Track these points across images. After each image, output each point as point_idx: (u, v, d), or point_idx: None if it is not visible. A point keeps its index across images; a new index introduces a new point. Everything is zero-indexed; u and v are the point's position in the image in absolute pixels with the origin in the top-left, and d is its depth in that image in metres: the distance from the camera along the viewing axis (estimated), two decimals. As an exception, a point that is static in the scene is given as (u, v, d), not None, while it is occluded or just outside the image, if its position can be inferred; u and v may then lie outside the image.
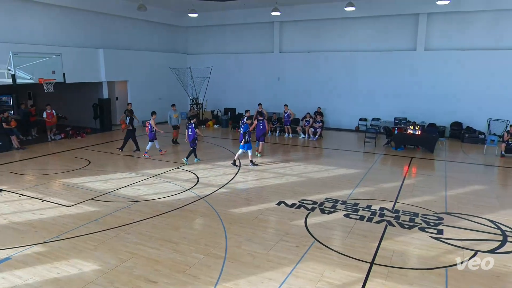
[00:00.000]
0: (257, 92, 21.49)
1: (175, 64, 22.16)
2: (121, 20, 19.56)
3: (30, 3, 15.34)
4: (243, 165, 12.35)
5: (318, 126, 17.24)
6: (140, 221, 7.75)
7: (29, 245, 6.69)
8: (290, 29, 20.91)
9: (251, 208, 8.56)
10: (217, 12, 21.77)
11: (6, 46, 13.71)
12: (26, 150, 14.27)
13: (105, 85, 18.78)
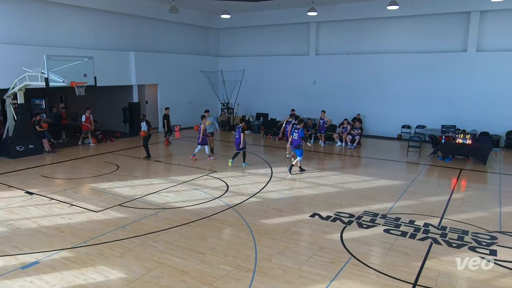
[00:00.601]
0: (291, 97, 21.46)
1: (206, 67, 22.58)
2: (152, 23, 20.20)
3: (64, 7, 16.17)
4: (276, 173, 12.33)
5: (357, 134, 16.95)
6: (167, 229, 7.90)
7: (57, 249, 6.98)
8: (327, 30, 20.79)
9: (283, 219, 8.51)
10: (250, 13, 22.02)
11: (40, 49, 14.49)
12: (57, 154, 14.97)
13: (135, 88, 19.42)
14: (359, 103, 19.72)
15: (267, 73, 22.45)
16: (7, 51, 14.06)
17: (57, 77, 12.68)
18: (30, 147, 14.49)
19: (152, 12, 19.49)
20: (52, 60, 12.74)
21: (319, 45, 21.09)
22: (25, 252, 6.86)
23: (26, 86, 13.71)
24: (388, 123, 19.28)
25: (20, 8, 14.87)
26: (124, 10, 18.34)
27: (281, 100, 21.76)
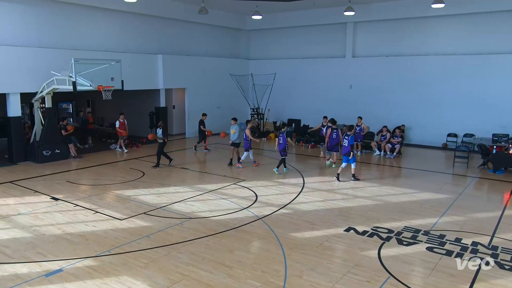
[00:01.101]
0: (325, 102, 21.30)
1: (235, 71, 22.80)
2: (180, 24, 20.66)
3: (92, 9, 16.83)
4: (308, 183, 12.24)
5: (397, 142, 16.59)
6: (192, 240, 7.98)
7: (81, 258, 7.19)
8: (365, 30, 20.56)
9: (315, 233, 8.43)
10: (283, 14, 22.11)
11: (69, 53, 15.10)
12: (83, 159, 15.49)
13: (162, 92, 19.86)
14: (399, 109, 19.31)
15: (300, 76, 22.41)
16: (36, 54, 14.74)
17: (85, 80, 13.17)
18: (56, 152, 15.07)
19: (181, 14, 19.94)
20: (80, 64, 13.25)
21: (356, 47, 20.87)
22: (49, 259, 7.11)
23: (54, 90, 14.31)
24: (431, 131, 18.75)
25: (49, 12, 15.59)
26: (152, 12, 18.86)
27: (314, 105, 21.64)
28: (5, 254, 7.27)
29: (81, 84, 13.22)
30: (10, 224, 8.77)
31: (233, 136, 14.60)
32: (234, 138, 14.60)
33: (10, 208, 9.80)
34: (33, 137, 15.30)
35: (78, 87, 13.26)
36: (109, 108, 21.50)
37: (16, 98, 14.62)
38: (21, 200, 10.45)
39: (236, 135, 14.59)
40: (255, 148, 17.99)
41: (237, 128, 14.70)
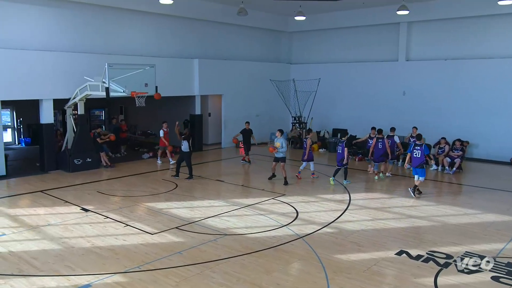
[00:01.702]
0: (374, 110, 20.93)
1: (276, 76, 22.90)
2: (217, 27, 21.05)
3: (126, 12, 17.49)
4: (355, 200, 12.02)
5: (457, 156, 16.00)
6: (227, 259, 8.00)
7: (110, 273, 7.38)
8: (421, 31, 20.10)
9: (362, 255, 8.25)
10: (328, 14, 22.05)
11: (102, 57, 15.75)
12: (114, 169, 16.00)
13: (198, 99, 20.24)
14: (459, 119, 18.64)
15: (347, 82, 22.18)
16: (70, 59, 15.47)
17: (118, 86, 13.65)
18: (88, 160, 15.66)
19: (218, 16, 20.32)
20: (114, 69, 13.76)
21: (411, 49, 20.43)
22: (78, 273, 7.36)
23: (86, 96, 14.93)
24: (497, 144, 17.94)
25: (83, 16, 16.36)
26: (189, 14, 19.34)
27: (362, 114, 21.31)
28: (34, 266, 7.59)
29: (114, 90, 13.71)
30: (40, 235, 9.16)
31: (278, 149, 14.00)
32: (281, 151, 13.99)
33: (40, 218, 10.25)
34: (64, 145, 15.98)
35: (111, 93, 13.76)
36: (141, 115, 22.14)
37: (49, 104, 15.37)
38: (51, 210, 10.91)
39: (284, 148, 14.03)
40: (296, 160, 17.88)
41: (283, 141, 14.15)
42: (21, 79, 14.35)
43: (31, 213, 10.71)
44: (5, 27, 14.49)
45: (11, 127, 21.93)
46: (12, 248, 8.39)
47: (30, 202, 11.77)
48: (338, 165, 13.95)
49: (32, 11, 15.06)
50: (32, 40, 15.06)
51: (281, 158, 14.04)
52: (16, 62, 14.25)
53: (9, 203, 11.70)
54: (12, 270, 7.44)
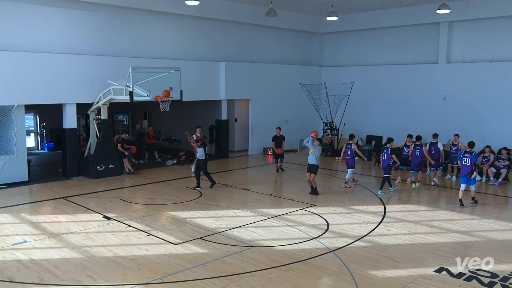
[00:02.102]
0: (412, 116, 20.58)
1: (306, 79, 22.83)
2: (245, 28, 21.19)
3: (151, 14, 17.81)
4: (390, 211, 11.81)
5: (503, 166, 15.54)
6: (253, 272, 7.99)
7: (131, 284, 7.49)
8: (463, 31, 19.70)
9: (398, 272, 8.10)
10: (362, 14, 21.88)
11: (126, 60, 16.05)
12: (137, 175, 16.27)
13: (224, 104, 20.38)
14: (505, 126, 18.11)
15: (382, 86, 21.92)
16: (93, 63, 15.86)
17: (142, 90, 13.89)
18: (110, 167, 15.98)
19: (246, 17, 20.45)
20: (138, 72, 14.02)
21: (452, 51, 20.03)
22: (99, 283, 7.49)
23: (110, 100, 15.27)
24: (549, 153, 17.32)
25: (108, 18, 16.76)
26: (215, 16, 19.53)
27: (398, 120, 20.97)
28: (55, 275, 7.77)
29: (138, 94, 13.96)
30: (61, 243, 9.39)
31: (311, 156, 13.57)
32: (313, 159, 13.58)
33: (61, 226, 10.51)
34: (87, 150, 16.36)
35: (135, 97, 14.01)
36: (165, 120, 22.44)
37: (72, 108, 15.79)
38: (73, 218, 11.17)
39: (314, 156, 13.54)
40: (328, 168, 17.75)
41: (319, 149, 13.78)
42: (44, 83, 14.81)
43: (52, 220, 11.00)
44: (30, 30, 15.00)
45: (34, 132, 22.63)
46: (33, 256, 8.63)
47: (52, 209, 12.09)
48: (385, 174, 14.03)
49: (57, 14, 15.54)
50: (56, 43, 15.53)
51: (314, 167, 13.52)
52: (39, 66, 14.72)
53: (31, 210, 12.05)
54: (33, 278, 7.65)
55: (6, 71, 13.99)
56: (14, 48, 14.41)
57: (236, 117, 22.32)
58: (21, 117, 14.78)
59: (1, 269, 8.02)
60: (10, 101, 14.18)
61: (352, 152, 14.59)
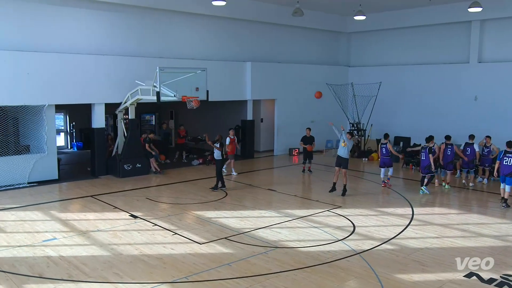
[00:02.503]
0: (441, 117, 20.19)
1: (333, 79, 22.68)
2: (271, 28, 21.19)
3: (178, 15, 18.00)
4: (418, 214, 11.61)
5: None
6: (278, 273, 7.98)
7: (157, 282, 7.58)
8: (495, 29, 19.22)
9: (426, 276, 7.96)
10: (390, 13, 21.60)
11: (153, 61, 16.29)
12: (163, 175, 16.46)
13: (249, 104, 20.44)
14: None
15: (410, 86, 21.59)
16: (122, 63, 16.15)
17: (169, 90, 14.07)
18: (137, 166, 16.23)
19: (273, 17, 20.45)
20: (165, 73, 14.21)
21: (484, 50, 19.56)
22: (125, 281, 7.61)
23: (138, 100, 15.51)
24: None
25: (136, 19, 17.03)
26: (241, 16, 19.61)
27: (427, 120, 20.60)
28: (83, 272, 7.94)
29: (165, 95, 14.14)
30: (89, 241, 9.59)
31: (343, 150, 13.45)
32: (345, 152, 13.47)
33: (90, 224, 10.73)
34: (115, 149, 16.66)
35: (162, 97, 14.20)
36: (191, 120, 22.63)
37: (101, 108, 16.11)
38: (101, 216, 11.39)
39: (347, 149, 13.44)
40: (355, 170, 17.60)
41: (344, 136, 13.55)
42: (74, 84, 15.15)
43: (81, 218, 11.24)
44: (60, 32, 15.37)
45: (64, 131, 23.18)
46: (62, 253, 8.83)
47: (81, 207, 12.36)
48: (423, 173, 14.06)
49: (86, 15, 15.87)
50: (85, 44, 15.87)
51: (344, 161, 13.43)
52: (69, 66, 15.07)
53: (61, 207, 12.35)
54: (62, 275, 7.83)
55: (38, 72, 14.37)
56: (45, 49, 14.81)
57: (261, 117, 22.34)
58: (51, 116, 15.17)
59: (32, 264, 8.25)
60: (41, 101, 14.57)
61: (387, 151, 14.70)
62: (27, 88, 14.20)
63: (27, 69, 14.15)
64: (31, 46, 14.59)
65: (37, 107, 14.65)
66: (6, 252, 8.85)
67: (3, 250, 8.97)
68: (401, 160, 19.00)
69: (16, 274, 7.81)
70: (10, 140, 14.90)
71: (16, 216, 11.29)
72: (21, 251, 8.90)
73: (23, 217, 11.21)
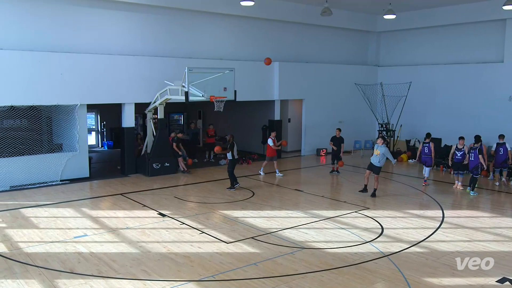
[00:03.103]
0: (474, 118, 19.71)
1: (362, 79, 22.45)
2: (299, 28, 21.12)
3: (207, 15, 18.13)
4: (449, 217, 11.37)
5: None
6: (304, 274, 7.96)
7: (184, 280, 7.66)
8: (531, 27, 18.66)
9: (457, 280, 7.80)
10: (421, 11, 21.22)
11: (182, 61, 16.48)
12: (191, 174, 16.62)
13: (277, 104, 20.42)
14: None
15: (441, 86, 21.16)
16: (151, 63, 16.39)
17: (197, 90, 14.21)
18: (166, 165, 16.43)
19: (301, 16, 20.38)
20: (193, 73, 14.36)
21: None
22: (153, 278, 7.73)
23: (166, 100, 15.72)
24: None
25: (165, 19, 17.24)
26: (270, 16, 19.61)
27: (459, 121, 20.13)
28: (112, 269, 8.10)
29: (193, 94, 14.29)
30: (119, 238, 9.77)
31: (375, 158, 13.38)
32: (378, 161, 13.35)
33: (119, 221, 10.93)
34: (144, 149, 16.93)
35: (190, 97, 14.36)
36: (219, 120, 22.77)
37: (130, 108, 16.40)
38: (130, 214, 11.59)
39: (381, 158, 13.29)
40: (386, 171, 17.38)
41: (386, 150, 13.48)
42: (105, 84, 15.47)
43: (111, 215, 11.47)
44: (92, 33, 15.72)
45: (95, 130, 23.70)
46: (93, 249, 9.04)
47: (111, 204, 12.61)
48: (474, 174, 13.93)
49: (116, 17, 16.19)
50: (116, 45, 16.19)
51: (375, 168, 13.38)
52: (101, 67, 15.37)
53: (91, 205, 12.62)
54: (92, 271, 8.01)
55: (71, 72, 14.72)
56: (78, 50, 15.17)
57: (289, 117, 22.31)
58: (83, 116, 15.53)
59: (64, 260, 8.47)
60: (74, 100, 14.92)
61: (430, 150, 14.69)
62: (60, 88, 14.57)
63: (60, 70, 14.53)
64: (65, 47, 14.98)
65: (70, 106, 15.03)
66: (40, 248, 9.11)
67: (36, 245, 9.25)
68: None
69: (49, 269, 8.04)
70: (44, 139, 15.37)
71: (49, 213, 11.61)
72: (54, 247, 9.15)
73: (55, 214, 11.52)
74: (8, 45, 13.94)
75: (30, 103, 14.19)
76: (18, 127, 14.76)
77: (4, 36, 14.07)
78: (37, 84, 14.16)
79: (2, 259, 8.49)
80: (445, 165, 17.79)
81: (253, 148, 21.47)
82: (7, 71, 13.67)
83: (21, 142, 14.46)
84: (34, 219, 11.08)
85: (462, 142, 14.58)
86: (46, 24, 14.83)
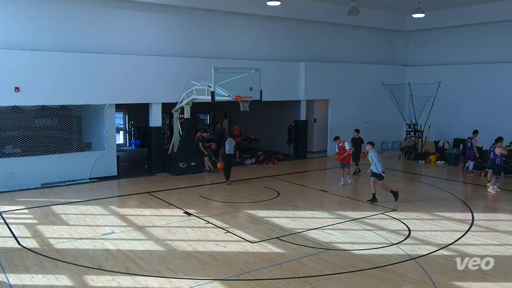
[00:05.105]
0: (506, 118, 19.22)
1: (389, 79, 22.13)
2: (326, 28, 20.98)
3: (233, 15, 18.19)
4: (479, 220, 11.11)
5: None
6: (329, 275, 7.90)
7: (209, 279, 7.72)
8: None
9: (486, 285, 7.62)
10: (450, 10, 20.80)
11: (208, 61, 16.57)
12: (216, 174, 16.72)
13: (303, 104, 20.35)
14: None
15: (472, 86, 20.71)
16: (178, 64, 16.58)
17: (223, 90, 14.29)
18: (192, 164, 16.59)
19: (327, 16, 20.24)
20: (219, 73, 14.45)
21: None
22: (179, 276, 7.81)
23: (193, 100, 15.86)
24: None
25: (191, 20, 17.40)
26: (296, 15, 19.55)
27: (490, 122, 19.65)
28: (139, 266, 8.23)
29: (219, 94, 14.37)
30: (145, 236, 9.91)
31: (373, 166, 12.81)
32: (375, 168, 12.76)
33: (146, 219, 11.09)
34: (171, 148, 17.13)
35: (216, 97, 14.45)
36: (244, 120, 22.84)
37: (157, 108, 16.63)
38: (156, 212, 11.74)
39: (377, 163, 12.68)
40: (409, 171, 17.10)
41: (374, 154, 12.87)
42: (133, 84, 15.73)
43: (138, 213, 11.64)
44: (119, 33, 16.00)
45: (123, 130, 24.11)
46: (120, 247, 9.19)
47: (138, 203, 12.80)
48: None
49: (143, 17, 16.43)
50: (144, 46, 16.43)
51: (378, 175, 12.70)
52: (129, 67, 15.66)
53: (119, 203, 12.85)
54: (119, 268, 8.15)
55: (100, 73, 15.03)
56: (107, 51, 15.47)
57: (315, 117, 22.19)
58: (112, 115, 15.83)
59: (92, 257, 8.65)
60: (103, 100, 15.22)
61: (495, 156, 14.42)
62: (89, 88, 14.89)
63: (90, 70, 14.85)
64: (94, 48, 15.29)
65: (99, 106, 15.33)
66: (69, 244, 9.33)
67: (66, 242, 9.47)
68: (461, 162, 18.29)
69: (78, 265, 8.22)
70: (74, 137, 15.73)
71: (78, 210, 11.87)
72: (82, 244, 9.35)
73: (84, 211, 11.77)
74: (41, 47, 14.34)
75: (61, 103, 14.55)
76: (49, 126, 15.13)
77: (37, 38, 14.47)
78: (68, 84, 14.50)
79: (34, 255, 8.73)
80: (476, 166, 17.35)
81: (279, 148, 21.44)
82: (40, 72, 14.07)
83: (52, 140, 14.82)
84: (64, 216, 11.35)
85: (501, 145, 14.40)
86: (76, 25, 15.17)
